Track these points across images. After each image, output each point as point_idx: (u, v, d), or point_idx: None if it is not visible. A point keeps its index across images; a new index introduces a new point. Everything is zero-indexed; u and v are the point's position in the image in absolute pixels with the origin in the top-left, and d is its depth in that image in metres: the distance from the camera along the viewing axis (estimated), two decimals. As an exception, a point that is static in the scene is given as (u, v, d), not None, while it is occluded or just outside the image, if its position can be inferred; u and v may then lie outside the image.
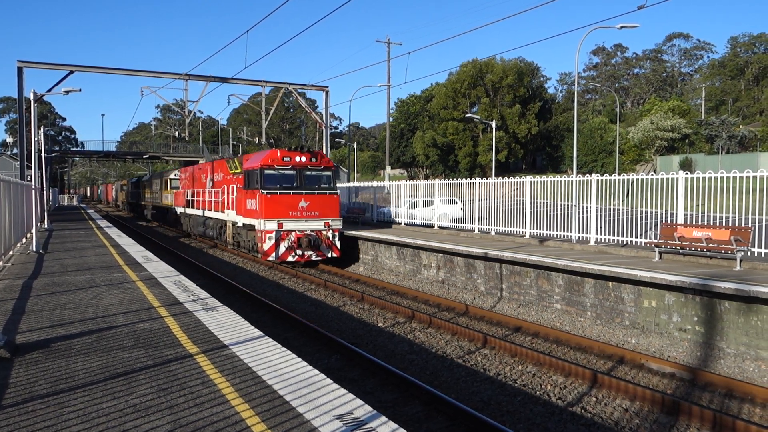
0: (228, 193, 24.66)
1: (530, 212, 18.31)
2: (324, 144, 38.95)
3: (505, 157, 70.20)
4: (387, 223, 27.12)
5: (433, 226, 23.56)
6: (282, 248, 20.17)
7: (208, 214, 28.45)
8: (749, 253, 12.41)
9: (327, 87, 39.03)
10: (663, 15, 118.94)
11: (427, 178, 72.71)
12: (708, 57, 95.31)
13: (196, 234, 32.46)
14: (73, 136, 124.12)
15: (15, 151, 73.45)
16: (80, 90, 28.21)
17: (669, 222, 14.16)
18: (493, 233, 19.90)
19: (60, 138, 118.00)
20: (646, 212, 15.41)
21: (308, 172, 21.14)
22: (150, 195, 49.52)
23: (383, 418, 4.74)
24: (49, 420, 4.76)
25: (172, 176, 39.93)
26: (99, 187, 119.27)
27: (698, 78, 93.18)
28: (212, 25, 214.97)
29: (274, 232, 20.07)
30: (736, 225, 12.64)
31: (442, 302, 14.80)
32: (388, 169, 46.07)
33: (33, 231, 19.77)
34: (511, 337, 11.62)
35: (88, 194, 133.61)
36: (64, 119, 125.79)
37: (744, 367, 9.58)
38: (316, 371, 5.96)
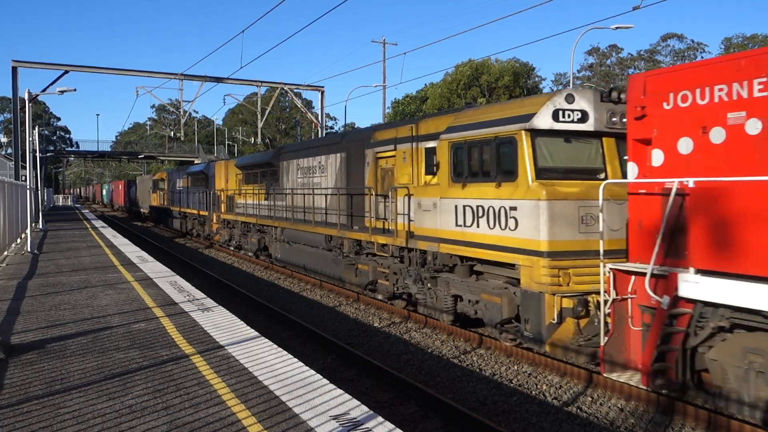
0: None
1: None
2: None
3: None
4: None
5: None
6: None
7: None
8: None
9: (323, 87, 39.04)
10: (658, 15, 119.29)
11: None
12: (701, 57, 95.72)
13: None
14: (67, 136, 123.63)
15: (9, 151, 73.19)
16: (75, 90, 28.22)
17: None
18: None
19: (54, 138, 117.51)
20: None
21: None
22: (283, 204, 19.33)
23: (379, 419, 4.76)
24: (45, 421, 4.75)
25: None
26: (103, 187, 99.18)
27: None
28: (208, 24, 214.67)
29: None
30: None
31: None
32: None
33: (28, 231, 19.71)
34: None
35: (83, 194, 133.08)
36: (59, 119, 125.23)
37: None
38: (312, 371, 5.97)
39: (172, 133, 46.02)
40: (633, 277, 7.60)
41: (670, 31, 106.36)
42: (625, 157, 8.29)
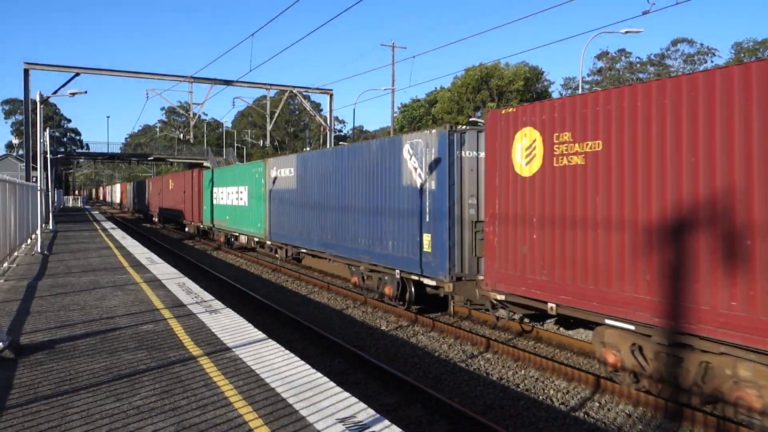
0: None
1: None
2: (328, 147, 39.05)
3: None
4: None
5: None
6: None
7: None
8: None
9: (331, 90, 39.15)
10: (667, 20, 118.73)
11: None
12: (712, 62, 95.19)
13: None
14: (78, 137, 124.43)
15: (20, 152, 73.66)
16: (86, 92, 28.47)
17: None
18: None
19: (65, 139, 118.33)
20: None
21: None
22: None
23: (386, 422, 4.75)
24: (53, 421, 4.78)
25: None
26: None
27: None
28: (218, 28, 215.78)
29: None
30: None
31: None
32: None
33: (38, 232, 19.86)
34: (514, 341, 11.61)
35: (94, 195, 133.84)
36: (70, 121, 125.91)
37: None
38: (319, 374, 5.98)
39: (182, 135, 45.08)
40: None
41: (680, 36, 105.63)
42: None
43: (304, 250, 19.04)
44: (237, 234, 26.48)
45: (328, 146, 39.11)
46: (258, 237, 23.55)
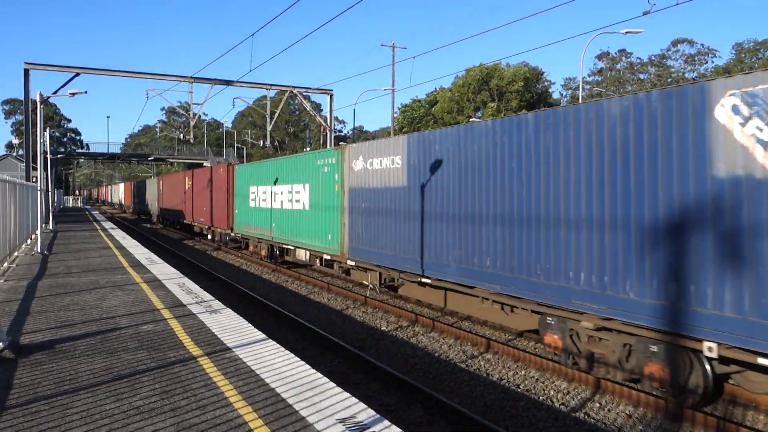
0: None
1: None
2: (328, 147, 38.99)
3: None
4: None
5: None
6: None
7: None
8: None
9: (331, 90, 39.15)
10: (668, 21, 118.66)
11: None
12: (712, 62, 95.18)
13: None
14: (78, 137, 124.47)
15: (21, 152, 73.62)
16: (86, 92, 28.45)
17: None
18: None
19: (65, 139, 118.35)
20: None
21: None
22: None
23: (386, 422, 4.75)
24: (53, 421, 4.77)
25: None
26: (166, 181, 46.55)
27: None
28: (218, 28, 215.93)
29: None
30: None
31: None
32: None
33: (38, 232, 19.86)
34: (515, 342, 11.60)
35: (95, 195, 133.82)
36: (70, 121, 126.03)
37: (748, 374, 9.53)
38: (319, 374, 5.97)
39: (182, 135, 44.41)
40: None
41: (680, 36, 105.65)
42: None
43: (427, 280, 12.62)
44: (291, 247, 20.19)
45: (328, 146, 39.00)
46: (329, 253, 17.10)
